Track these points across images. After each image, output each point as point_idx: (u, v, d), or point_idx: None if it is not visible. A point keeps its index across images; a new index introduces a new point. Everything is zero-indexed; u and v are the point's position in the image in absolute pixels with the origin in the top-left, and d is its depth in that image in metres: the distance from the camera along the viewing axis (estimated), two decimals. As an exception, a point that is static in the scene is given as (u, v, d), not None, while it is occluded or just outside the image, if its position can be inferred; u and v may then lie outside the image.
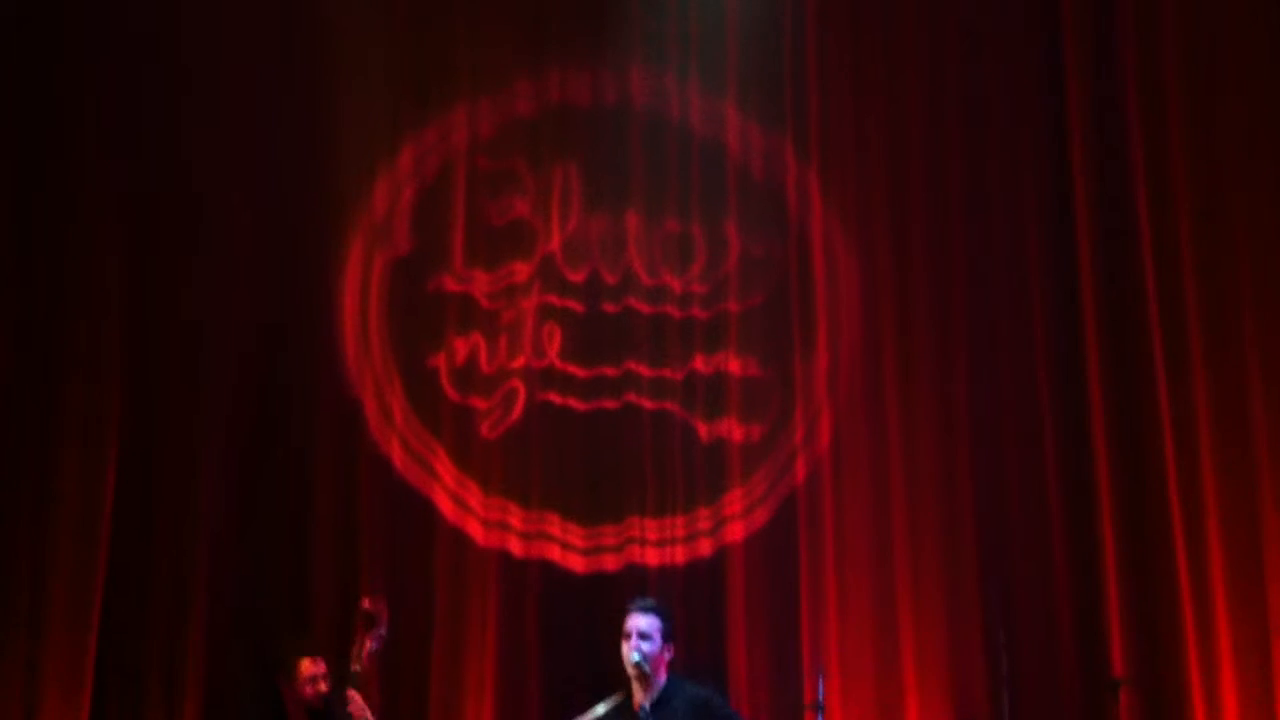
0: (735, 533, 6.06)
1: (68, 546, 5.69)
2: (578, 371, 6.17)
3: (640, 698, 4.40)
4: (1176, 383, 5.82)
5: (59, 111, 5.99)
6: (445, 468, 6.11)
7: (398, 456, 6.09)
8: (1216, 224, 5.87)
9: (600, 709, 4.43)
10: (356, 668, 4.95)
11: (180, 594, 5.83)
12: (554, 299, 6.20)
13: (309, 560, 5.95)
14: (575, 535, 6.10)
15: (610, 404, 6.15)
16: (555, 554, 6.07)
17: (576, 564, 6.08)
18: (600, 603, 5.81)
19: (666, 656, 4.44)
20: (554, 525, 6.10)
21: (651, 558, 6.04)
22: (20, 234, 5.91)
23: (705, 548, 6.06)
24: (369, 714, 4.94)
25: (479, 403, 6.15)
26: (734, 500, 6.08)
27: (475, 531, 6.06)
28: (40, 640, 5.61)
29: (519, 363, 6.16)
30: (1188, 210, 5.88)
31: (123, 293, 5.93)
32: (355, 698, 4.93)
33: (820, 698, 5.43)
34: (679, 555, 6.05)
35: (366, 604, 5.04)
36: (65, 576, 5.66)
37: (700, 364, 6.16)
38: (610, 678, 4.61)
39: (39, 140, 5.96)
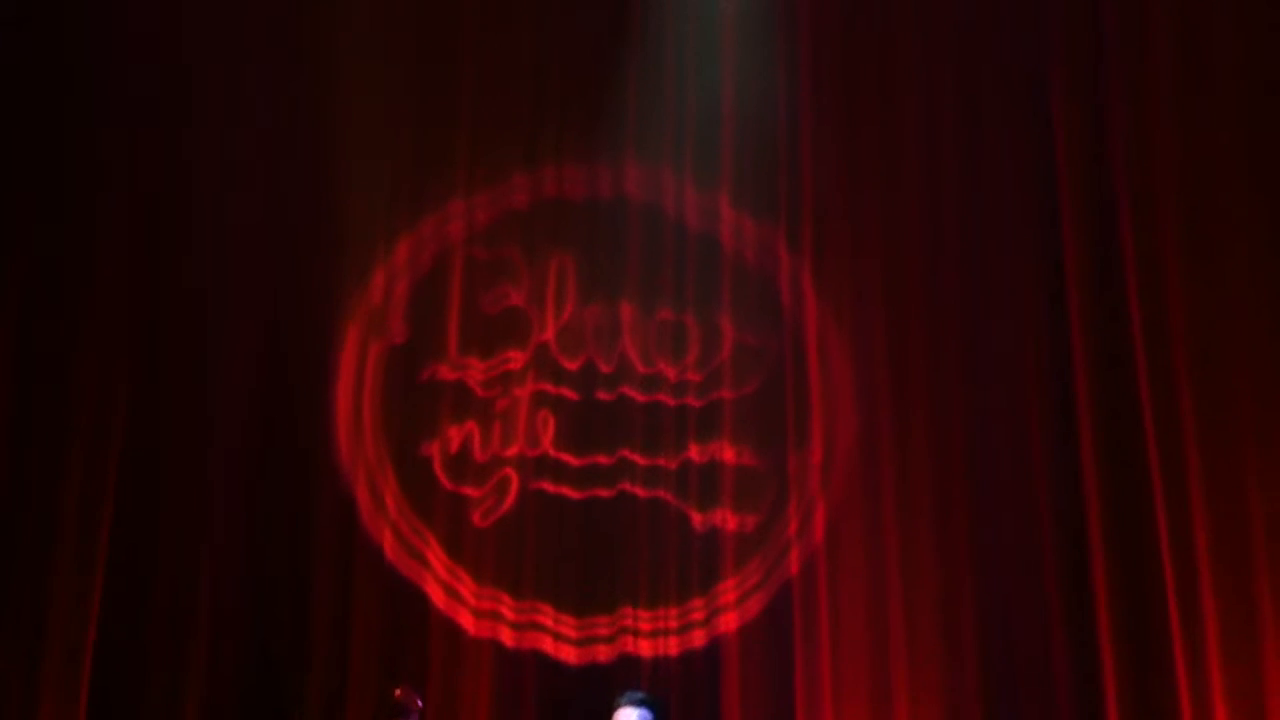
0: (729, 623, 5.99)
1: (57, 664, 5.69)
2: (571, 460, 6.16)
3: (632, 791, 4.34)
4: (1172, 481, 5.81)
5: (70, 200, 6.07)
6: (437, 557, 6.07)
7: (389, 545, 6.05)
8: (1213, 334, 5.89)
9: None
10: None
11: (175, 686, 5.80)
12: (548, 387, 6.21)
13: (303, 650, 5.88)
14: (568, 626, 6.03)
15: (604, 493, 6.12)
16: (548, 645, 6.00)
17: (569, 655, 6.01)
18: (593, 694, 5.71)
19: (659, 750, 4.40)
20: (546, 615, 6.04)
21: (645, 649, 5.96)
22: (24, 305, 5.96)
23: (699, 638, 6.00)
24: None
25: (472, 491, 6.13)
26: (728, 590, 6.03)
27: (467, 622, 6.00)
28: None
29: (513, 451, 6.15)
30: (1182, 314, 5.93)
31: (123, 392, 5.98)
32: None
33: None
34: (673, 646, 5.98)
35: (398, 694, 5.03)
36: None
37: (694, 453, 6.15)
38: (603, 770, 4.57)
39: (49, 219, 6.04)
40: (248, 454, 6.06)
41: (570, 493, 6.13)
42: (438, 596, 6.01)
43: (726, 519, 6.09)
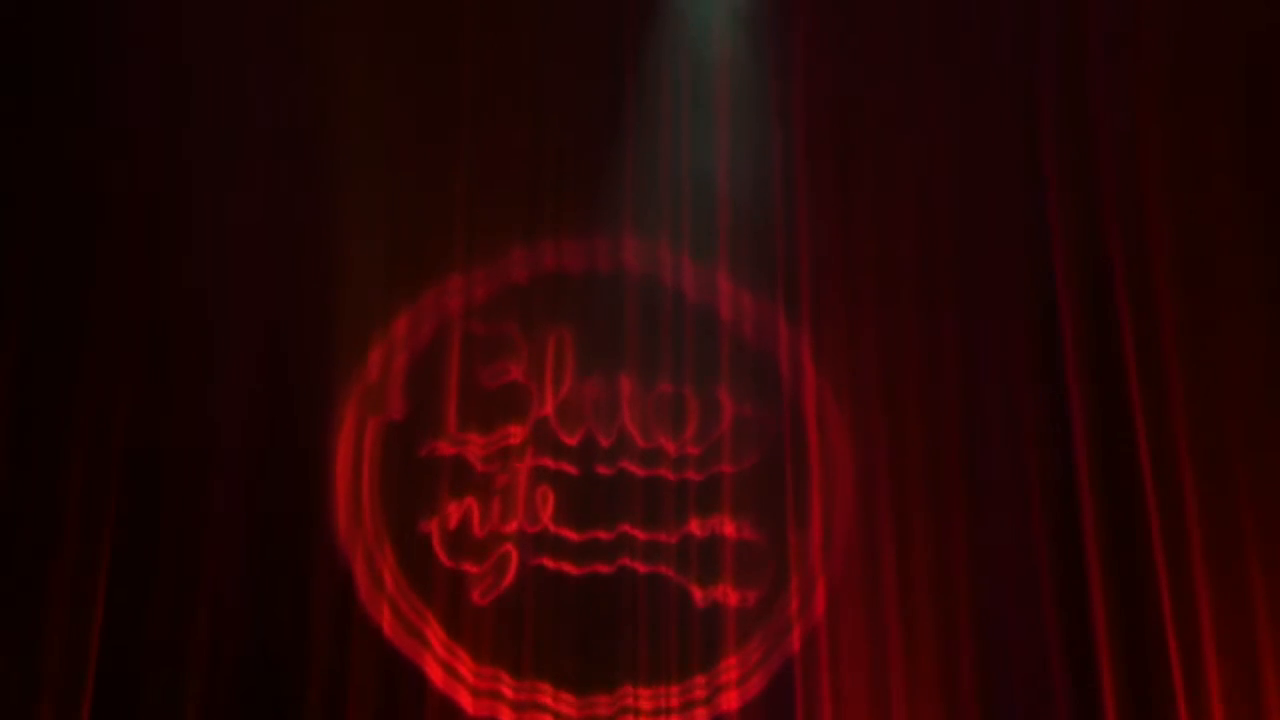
0: (731, 701, 5.94)
1: None
2: (571, 535, 6.12)
3: None
4: (1175, 560, 5.82)
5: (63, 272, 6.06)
6: (435, 634, 6.01)
7: (388, 623, 5.98)
8: (1214, 405, 5.95)
9: None
10: None
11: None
12: (548, 462, 6.19)
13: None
14: (568, 705, 5.97)
15: (604, 568, 6.07)
16: (548, 724, 5.96)
17: (570, 735, 5.97)
18: (595, 774, 5.70)
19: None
20: (546, 694, 5.97)
21: (646, 728, 5.93)
22: (22, 375, 5.94)
23: (701, 717, 5.94)
24: None
25: (471, 568, 6.08)
26: (729, 668, 5.98)
27: (466, 701, 5.92)
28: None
29: (512, 527, 6.12)
30: (1181, 382, 5.96)
31: (118, 469, 5.94)
32: None
33: None
34: (674, 725, 5.94)
35: None
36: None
37: (695, 527, 6.12)
38: None
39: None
40: (246, 531, 6.00)
41: (570, 569, 6.08)
42: (436, 675, 5.95)
43: (728, 594, 6.05)
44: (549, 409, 6.25)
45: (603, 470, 6.18)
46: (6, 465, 5.82)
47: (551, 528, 6.13)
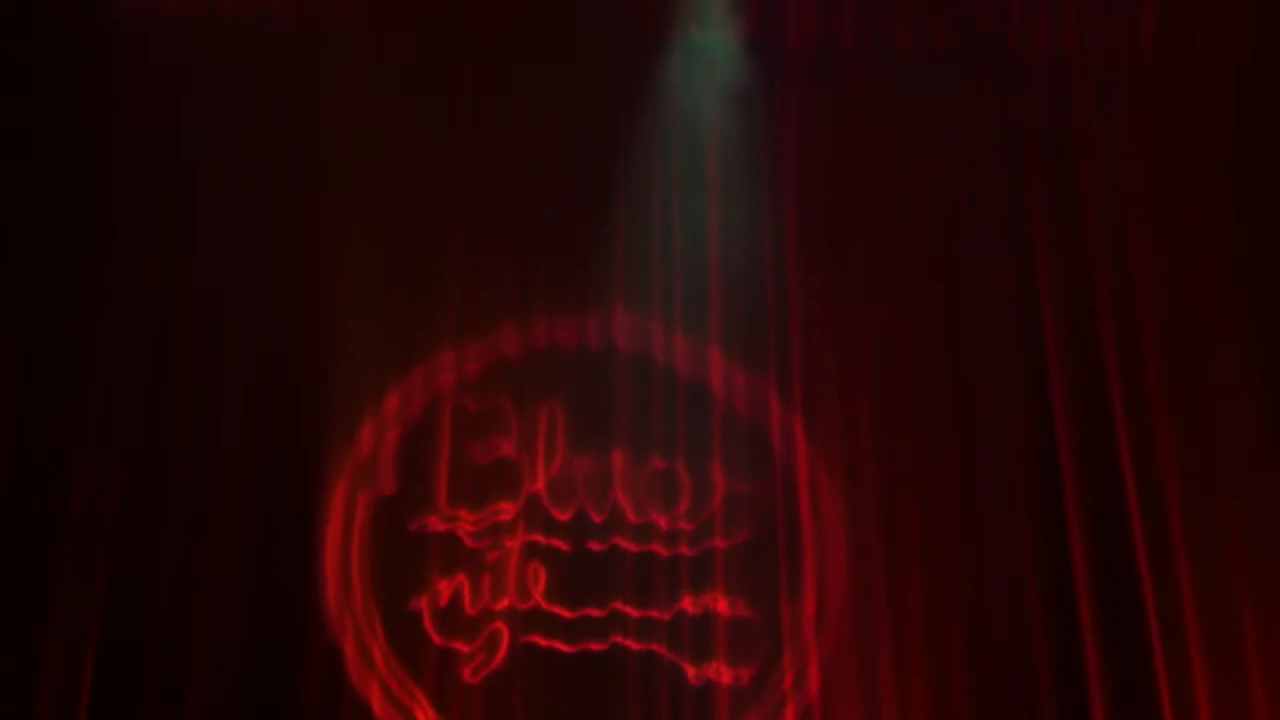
0: (724, 781, 5.90)
1: None
2: (563, 613, 6.07)
3: None
4: (1172, 642, 5.89)
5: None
6: (426, 714, 5.94)
7: (378, 702, 5.92)
8: (1207, 497, 6.08)
9: None
10: None
11: None
12: (539, 538, 6.15)
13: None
14: (560, 784, 5.92)
15: (596, 646, 6.02)
16: (538, 807, 5.89)
17: (560, 818, 5.89)
18: None
19: None
20: (538, 774, 5.93)
21: (638, 809, 5.85)
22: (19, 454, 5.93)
23: (694, 796, 5.90)
24: None
25: (462, 646, 6.02)
26: (723, 747, 5.94)
27: (455, 782, 5.88)
28: None
29: (503, 604, 6.06)
30: (1176, 475, 6.07)
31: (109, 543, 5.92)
32: None
33: None
34: (667, 806, 5.87)
35: None
36: None
37: (688, 604, 6.08)
38: None
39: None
40: (237, 607, 5.94)
41: (562, 646, 6.03)
42: (426, 755, 5.90)
43: (721, 672, 6.00)
44: (540, 484, 6.23)
45: (595, 546, 6.15)
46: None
47: (543, 605, 6.08)
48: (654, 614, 6.06)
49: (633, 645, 6.02)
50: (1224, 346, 6.26)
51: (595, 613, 6.07)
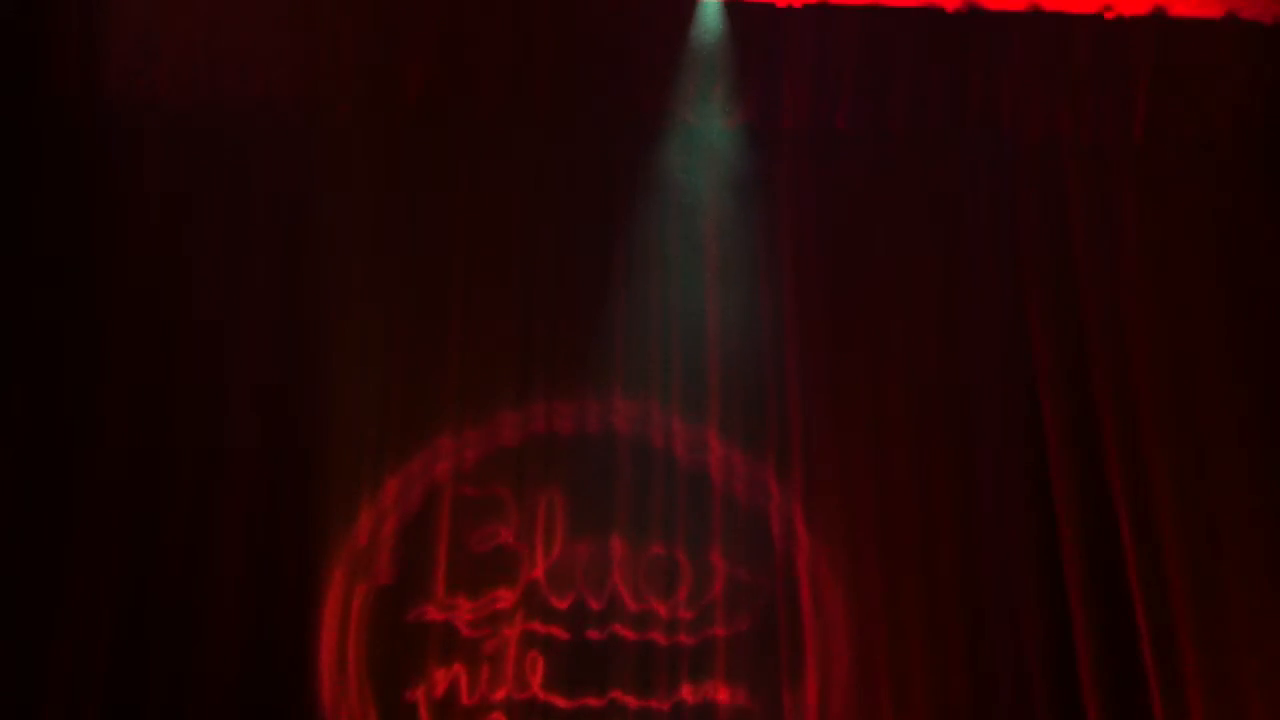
0: None
1: None
2: (561, 702, 6.01)
3: None
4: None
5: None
6: (423, 807, 5.89)
7: (373, 794, 5.87)
8: (1204, 552, 6.09)
9: None
10: None
11: None
12: (538, 626, 6.10)
13: None
14: None
15: (595, 735, 5.98)
16: None
17: None
18: None
19: None
20: None
21: None
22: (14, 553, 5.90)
23: None
24: None
25: (459, 737, 5.98)
26: (723, 839, 5.85)
27: None
28: None
29: (501, 694, 6.00)
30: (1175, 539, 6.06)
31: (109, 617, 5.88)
32: None
33: None
34: None
35: None
36: None
37: (687, 693, 6.02)
38: None
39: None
40: (232, 697, 5.88)
41: (560, 736, 5.98)
42: None
43: (721, 763, 5.95)
44: (539, 572, 6.18)
45: (593, 635, 6.09)
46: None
47: (541, 695, 6.02)
48: (653, 703, 6.00)
49: (632, 735, 5.96)
50: (1216, 418, 6.31)
51: (594, 702, 6.01)
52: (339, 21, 6.41)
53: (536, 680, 6.03)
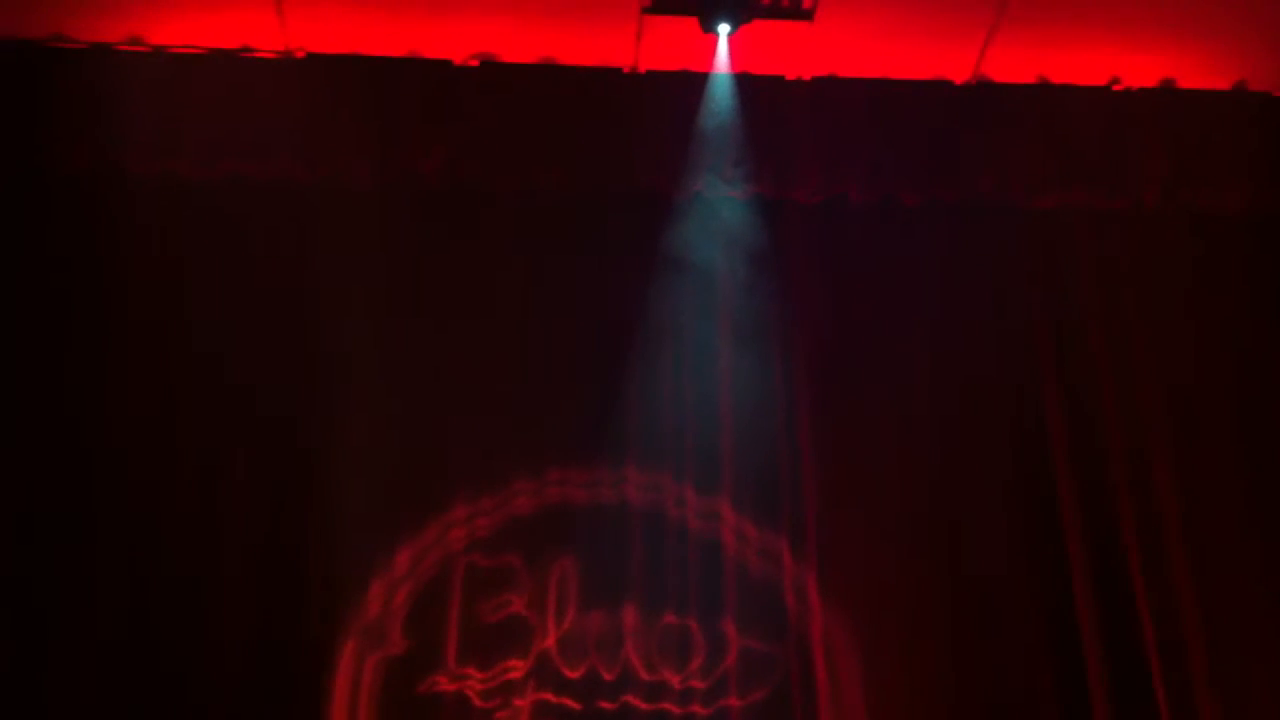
0: None
1: None
2: (574, 772, 5.96)
3: None
4: None
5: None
6: None
7: None
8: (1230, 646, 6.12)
9: None
10: None
11: None
12: (550, 696, 6.05)
13: None
14: None
15: (608, 809, 5.91)
16: None
17: None
18: None
19: None
20: None
21: None
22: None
23: None
24: None
25: (471, 810, 5.92)
26: None
27: None
28: None
29: (513, 764, 5.96)
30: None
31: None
32: None
33: None
34: None
35: None
36: None
37: (702, 764, 5.98)
38: None
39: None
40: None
41: (573, 810, 5.92)
42: None
43: (737, 836, 5.88)
44: (551, 642, 6.14)
45: (605, 705, 6.04)
46: None
47: (554, 765, 5.96)
48: (667, 773, 5.94)
49: (645, 807, 5.90)
50: (1229, 484, 6.36)
51: (608, 771, 5.95)
52: (358, 108, 6.48)
53: (549, 751, 5.99)
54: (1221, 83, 6.70)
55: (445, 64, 6.57)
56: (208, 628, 5.99)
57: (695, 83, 6.55)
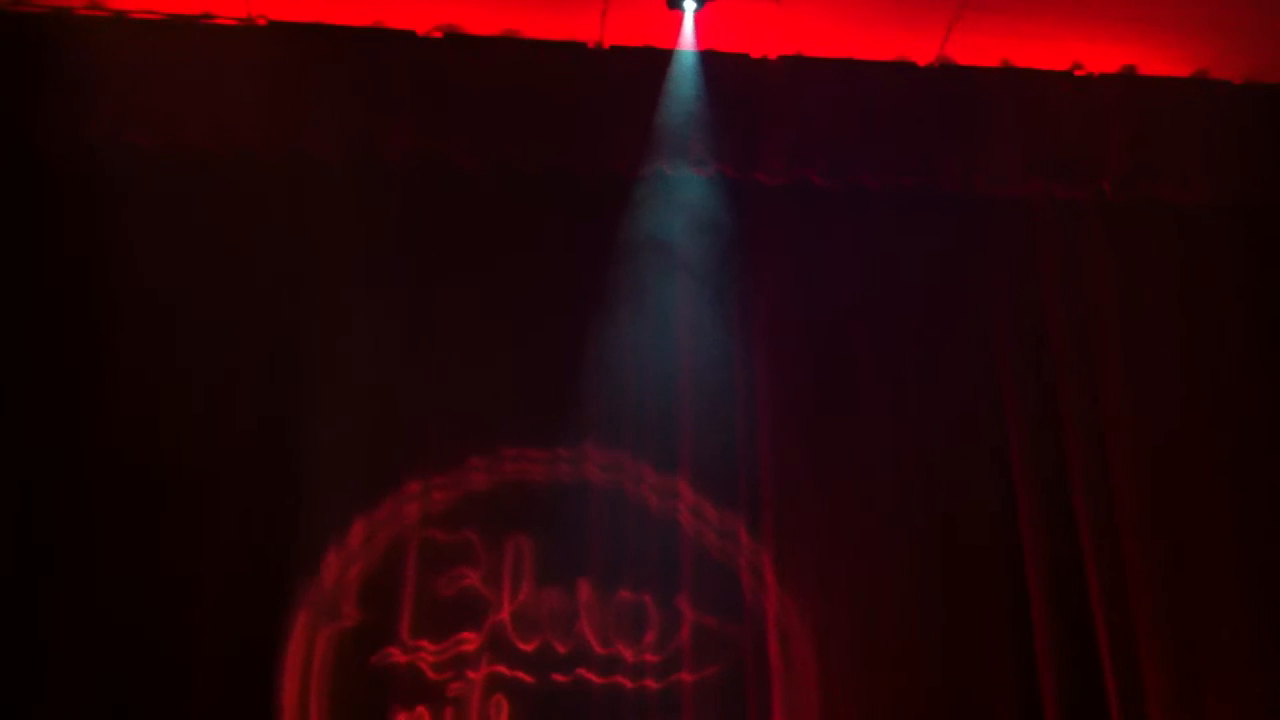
0: None
1: None
2: (526, 746, 5.94)
3: None
4: None
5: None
6: None
7: (332, 843, 5.76)
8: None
9: None
10: None
11: None
12: (503, 669, 6.03)
13: None
14: None
15: (560, 779, 5.89)
16: None
17: None
18: None
19: None
20: None
21: None
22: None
23: None
24: None
25: (422, 782, 5.88)
26: None
27: None
28: None
29: (465, 737, 5.93)
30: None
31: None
32: None
33: None
34: None
35: None
36: None
37: (653, 738, 5.96)
38: None
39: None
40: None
41: (525, 781, 5.89)
42: None
43: (687, 809, 5.87)
44: (505, 615, 6.12)
45: (559, 678, 6.03)
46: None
47: (506, 738, 5.95)
48: (618, 748, 5.92)
49: (599, 780, 5.88)
50: (1190, 473, 6.38)
51: (560, 745, 5.93)
52: (323, 79, 6.44)
53: (502, 723, 5.98)
54: (1183, 70, 6.75)
55: (409, 35, 6.54)
56: (159, 601, 5.93)
57: (661, 60, 6.54)
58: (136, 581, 5.92)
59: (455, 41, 6.54)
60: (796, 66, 6.65)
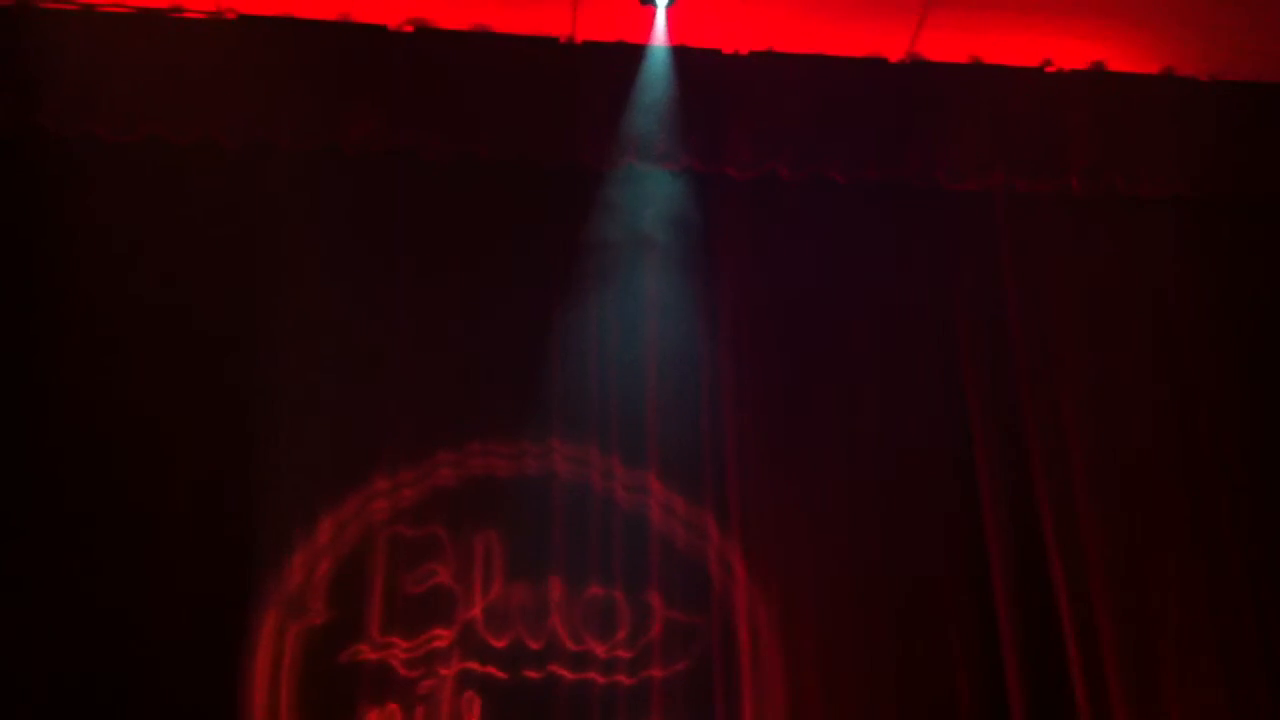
0: None
1: None
2: (499, 742, 5.93)
3: None
4: None
5: None
6: None
7: (302, 841, 5.74)
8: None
9: None
10: None
11: None
12: (475, 666, 6.02)
13: None
14: None
15: (532, 775, 5.88)
16: None
17: None
18: None
19: None
20: None
21: None
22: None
23: None
24: None
25: (393, 779, 5.86)
26: None
27: None
28: None
29: (436, 734, 5.91)
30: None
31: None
32: None
33: None
34: None
35: None
36: None
37: (625, 733, 5.96)
38: None
39: None
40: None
41: (497, 778, 5.88)
42: None
43: (658, 804, 5.88)
44: (477, 611, 6.11)
45: (531, 674, 6.02)
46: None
47: (478, 734, 5.93)
48: (590, 743, 5.92)
49: (568, 775, 5.88)
50: (1150, 467, 6.45)
51: (532, 741, 5.92)
52: (289, 72, 6.39)
53: (473, 719, 5.94)
54: (1151, 67, 6.79)
55: (379, 29, 6.50)
56: (125, 599, 5.88)
57: (632, 54, 6.54)
58: (103, 580, 5.87)
59: (425, 35, 6.50)
60: (768, 62, 6.66)
